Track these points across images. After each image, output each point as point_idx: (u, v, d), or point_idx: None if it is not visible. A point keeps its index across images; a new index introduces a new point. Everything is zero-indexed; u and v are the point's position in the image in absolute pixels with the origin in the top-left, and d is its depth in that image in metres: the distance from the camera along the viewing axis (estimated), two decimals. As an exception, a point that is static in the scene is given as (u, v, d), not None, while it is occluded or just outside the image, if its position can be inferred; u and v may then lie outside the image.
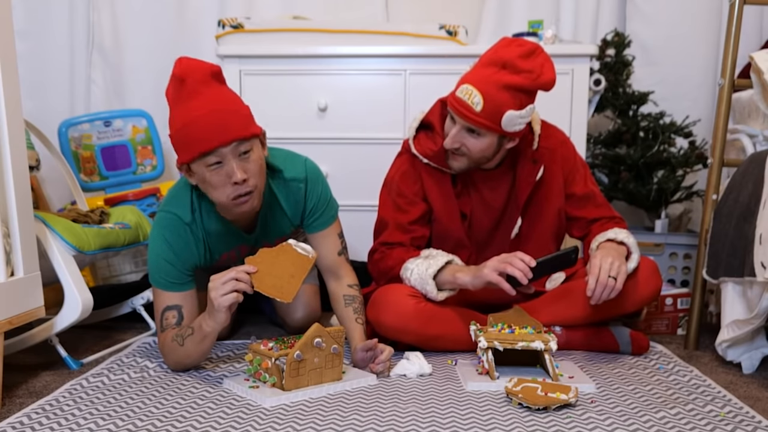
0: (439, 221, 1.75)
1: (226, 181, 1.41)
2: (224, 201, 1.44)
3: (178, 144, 1.41)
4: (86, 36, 2.70)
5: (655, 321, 2.00)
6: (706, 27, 2.67)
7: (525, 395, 1.31)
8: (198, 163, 1.40)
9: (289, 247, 1.43)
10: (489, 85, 1.56)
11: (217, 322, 1.40)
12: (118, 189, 2.45)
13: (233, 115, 1.40)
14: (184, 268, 1.53)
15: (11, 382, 1.51)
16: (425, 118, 1.78)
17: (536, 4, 2.69)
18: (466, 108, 1.58)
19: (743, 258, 1.56)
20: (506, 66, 1.56)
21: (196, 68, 1.39)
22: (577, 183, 1.80)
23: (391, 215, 1.75)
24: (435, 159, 1.72)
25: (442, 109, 1.76)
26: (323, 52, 2.25)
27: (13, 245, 1.43)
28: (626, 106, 2.49)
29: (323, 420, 1.25)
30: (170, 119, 1.42)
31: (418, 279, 1.64)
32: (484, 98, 1.56)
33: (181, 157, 1.43)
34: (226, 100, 1.41)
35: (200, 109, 1.37)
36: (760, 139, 1.89)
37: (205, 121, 1.36)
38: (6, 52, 1.39)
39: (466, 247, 1.77)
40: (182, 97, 1.39)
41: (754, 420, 1.26)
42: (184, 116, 1.38)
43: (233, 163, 1.40)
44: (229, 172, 1.40)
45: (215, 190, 1.43)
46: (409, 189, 1.75)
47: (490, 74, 1.57)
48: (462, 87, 1.60)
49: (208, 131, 1.36)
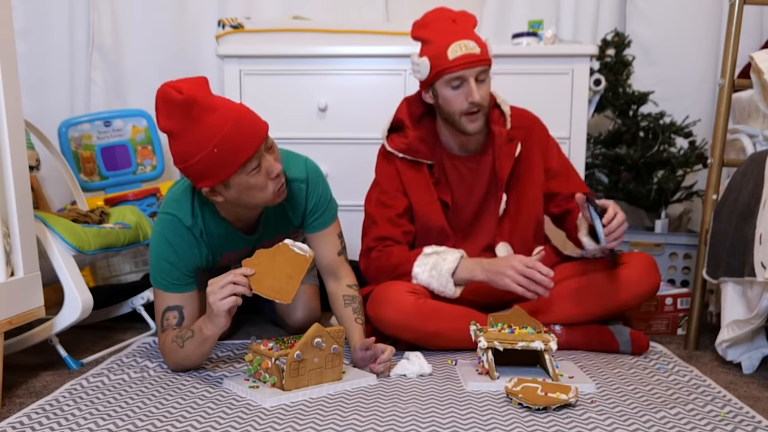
0: (419, 213, 1.79)
1: (266, 179, 1.42)
2: (269, 198, 1.45)
3: (211, 165, 1.34)
4: (86, 36, 2.70)
5: (655, 321, 2.00)
6: (706, 27, 2.67)
7: (525, 395, 1.31)
8: (239, 173, 1.38)
9: (286, 247, 1.42)
10: (467, 32, 1.68)
11: (217, 326, 1.40)
12: (118, 189, 2.45)
13: (251, 113, 1.39)
14: (186, 269, 1.53)
15: (11, 382, 1.51)
16: (395, 117, 1.86)
17: (536, 4, 2.69)
18: (471, 56, 1.66)
19: (743, 258, 1.56)
20: (456, 19, 1.70)
21: (195, 86, 1.34)
22: (552, 158, 1.87)
23: (376, 211, 1.80)
24: (409, 152, 1.80)
25: (408, 106, 1.85)
26: (323, 52, 2.25)
27: (13, 245, 1.43)
28: (626, 106, 2.49)
29: (323, 420, 1.25)
30: (183, 148, 1.34)
31: (435, 277, 1.67)
32: (475, 41, 1.67)
33: (218, 176, 1.36)
34: (234, 103, 1.39)
35: (227, 120, 1.33)
36: (760, 139, 1.89)
37: (238, 128, 1.34)
38: (6, 52, 1.39)
39: (449, 236, 1.80)
40: (197, 117, 1.32)
41: (754, 420, 1.26)
42: (213, 133, 1.32)
43: (269, 159, 1.41)
44: (268, 168, 1.41)
45: (260, 192, 1.43)
46: (389, 185, 1.81)
47: (458, 27, 1.69)
48: (453, 46, 1.66)
49: (245, 138, 1.35)
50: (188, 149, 1.34)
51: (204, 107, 1.33)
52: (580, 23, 2.70)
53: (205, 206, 1.53)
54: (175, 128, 1.34)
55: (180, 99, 1.31)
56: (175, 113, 1.33)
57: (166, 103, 1.33)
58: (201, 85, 1.36)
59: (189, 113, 1.32)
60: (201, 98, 1.33)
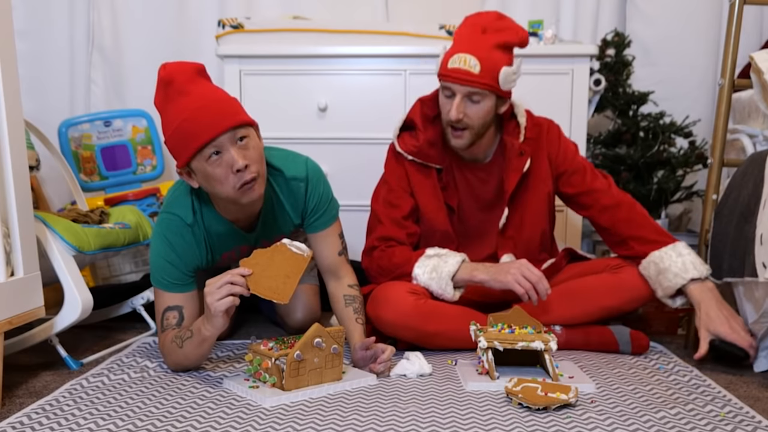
0: (425, 216, 1.79)
1: (228, 171, 1.39)
2: (231, 192, 1.42)
3: (175, 145, 1.40)
4: (86, 36, 2.70)
5: (655, 321, 2.00)
6: (706, 27, 2.67)
7: (525, 395, 1.31)
8: (197, 159, 1.39)
9: (284, 246, 1.42)
10: (480, 48, 1.63)
11: (215, 327, 1.40)
12: (118, 189, 2.45)
13: (224, 104, 1.39)
14: (186, 269, 1.53)
15: (11, 382, 1.51)
16: (407, 117, 1.83)
17: (536, 4, 2.69)
18: (465, 73, 1.62)
19: (743, 258, 1.56)
20: (486, 30, 1.63)
21: (181, 69, 1.39)
22: (564, 161, 1.82)
23: (383, 210, 1.79)
24: (418, 155, 1.78)
25: (421, 107, 1.81)
26: (323, 52, 2.25)
27: (13, 245, 1.43)
28: (626, 106, 2.49)
29: (323, 420, 1.25)
30: (163, 125, 1.41)
31: (435, 279, 1.66)
32: (479, 60, 1.61)
33: (180, 158, 1.41)
34: (215, 93, 1.41)
35: (191, 104, 1.36)
36: (760, 139, 1.89)
37: (198, 114, 1.36)
38: (6, 52, 1.39)
39: (452, 240, 1.80)
40: (170, 98, 1.38)
41: (754, 420, 1.26)
42: (177, 116, 1.37)
43: (232, 151, 1.38)
44: (229, 161, 1.38)
45: (220, 184, 1.41)
46: (397, 184, 1.80)
47: (477, 39, 1.63)
48: (454, 57, 1.63)
49: (203, 124, 1.36)
50: (163, 127, 1.42)
51: (178, 90, 1.37)
52: (580, 23, 2.70)
53: (204, 204, 1.54)
54: (156, 104, 1.42)
55: (161, 76, 1.39)
56: (159, 89, 1.40)
57: (158, 79, 1.40)
58: (188, 70, 1.39)
59: (166, 92, 1.39)
60: (179, 81, 1.37)
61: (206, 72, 1.44)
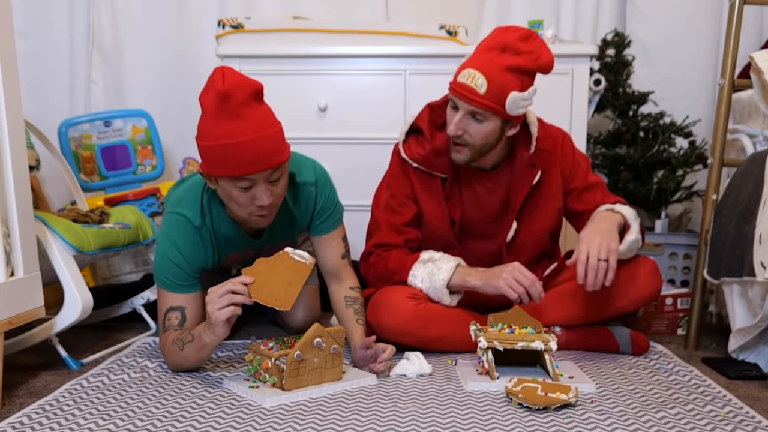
0: (428, 223, 1.76)
1: (250, 201, 1.41)
2: (244, 216, 1.46)
3: (211, 158, 1.36)
4: (86, 36, 2.69)
5: (655, 321, 2.00)
6: (706, 27, 2.67)
7: (525, 395, 1.31)
8: (228, 181, 1.38)
9: (287, 255, 1.42)
10: (492, 67, 1.56)
11: (216, 335, 1.38)
12: (118, 189, 2.45)
13: (270, 141, 1.36)
14: (191, 270, 1.53)
15: (11, 382, 1.51)
16: (414, 122, 1.78)
17: (536, 4, 2.69)
18: (470, 91, 1.57)
19: (742, 258, 1.56)
20: (506, 49, 1.56)
21: (241, 85, 1.33)
22: (576, 177, 1.78)
23: (383, 216, 1.77)
24: (424, 163, 1.73)
25: (430, 114, 1.76)
26: (323, 52, 2.25)
27: (13, 245, 1.43)
28: (626, 106, 2.49)
29: (323, 420, 1.25)
30: (203, 127, 1.36)
31: (430, 287, 1.66)
32: (488, 80, 1.55)
33: (211, 170, 1.38)
34: (266, 124, 1.36)
35: (241, 134, 1.32)
36: (760, 139, 1.89)
37: (244, 147, 1.33)
38: (6, 52, 1.39)
39: (455, 247, 1.78)
40: (223, 114, 1.32)
41: (754, 420, 1.26)
42: (223, 135, 1.33)
43: (263, 188, 1.39)
44: (256, 195, 1.40)
45: (238, 206, 1.43)
46: (400, 191, 1.77)
47: (492, 57, 1.57)
48: (464, 72, 1.59)
49: (245, 159, 1.33)
50: (202, 132, 1.36)
51: (233, 110, 1.32)
52: (580, 23, 2.70)
53: (214, 205, 1.53)
54: (204, 105, 1.36)
55: (219, 88, 1.31)
56: (210, 94, 1.34)
57: (210, 81, 1.34)
58: (247, 89, 1.33)
59: (220, 106, 1.32)
60: (237, 99, 1.32)
61: (262, 93, 1.38)
